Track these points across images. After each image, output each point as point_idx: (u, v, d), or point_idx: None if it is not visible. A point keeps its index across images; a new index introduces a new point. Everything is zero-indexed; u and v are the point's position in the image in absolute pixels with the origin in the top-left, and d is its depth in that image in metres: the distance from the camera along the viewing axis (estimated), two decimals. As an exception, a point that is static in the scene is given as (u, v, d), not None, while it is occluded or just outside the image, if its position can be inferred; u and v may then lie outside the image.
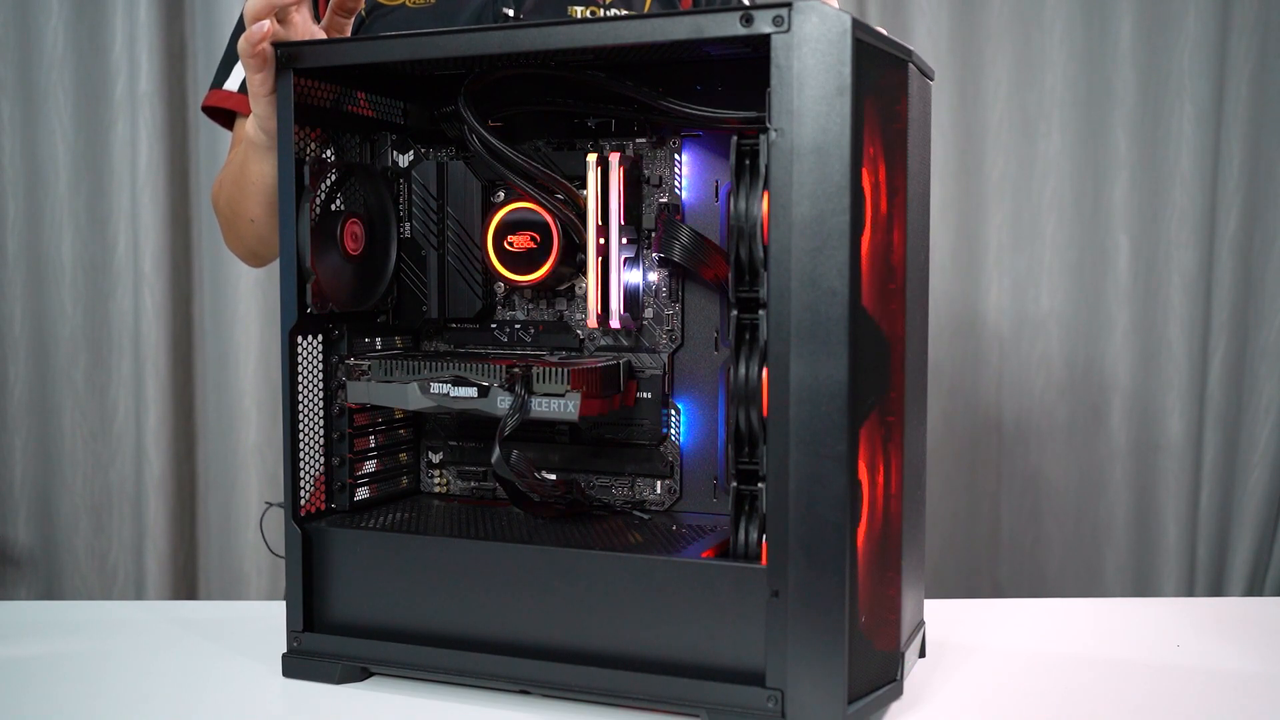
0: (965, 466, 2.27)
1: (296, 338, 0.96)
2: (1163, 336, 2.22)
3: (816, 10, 0.78)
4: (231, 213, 1.24)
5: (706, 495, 1.02)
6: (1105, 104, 2.20)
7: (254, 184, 1.13)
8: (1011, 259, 2.24)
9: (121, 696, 0.93)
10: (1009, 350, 2.25)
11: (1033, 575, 2.29)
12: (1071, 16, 2.19)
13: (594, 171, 0.96)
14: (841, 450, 0.79)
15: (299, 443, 0.97)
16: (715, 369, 1.01)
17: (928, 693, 0.91)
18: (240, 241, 1.29)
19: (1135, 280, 2.22)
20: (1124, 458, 2.24)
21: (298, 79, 0.94)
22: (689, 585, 0.85)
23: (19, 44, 2.20)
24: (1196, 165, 2.18)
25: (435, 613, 0.92)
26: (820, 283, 0.79)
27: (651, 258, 1.01)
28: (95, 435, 2.26)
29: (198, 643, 1.05)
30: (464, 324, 1.08)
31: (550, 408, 0.92)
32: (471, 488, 1.10)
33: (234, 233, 1.28)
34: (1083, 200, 2.22)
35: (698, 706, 0.84)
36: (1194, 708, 0.89)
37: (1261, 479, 2.23)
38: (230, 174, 1.23)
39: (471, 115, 0.98)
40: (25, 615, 1.12)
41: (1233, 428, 2.25)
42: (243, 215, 1.21)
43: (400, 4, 1.23)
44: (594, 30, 0.86)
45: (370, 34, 1.23)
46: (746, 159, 0.85)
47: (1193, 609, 1.16)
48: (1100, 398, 2.25)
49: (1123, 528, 2.26)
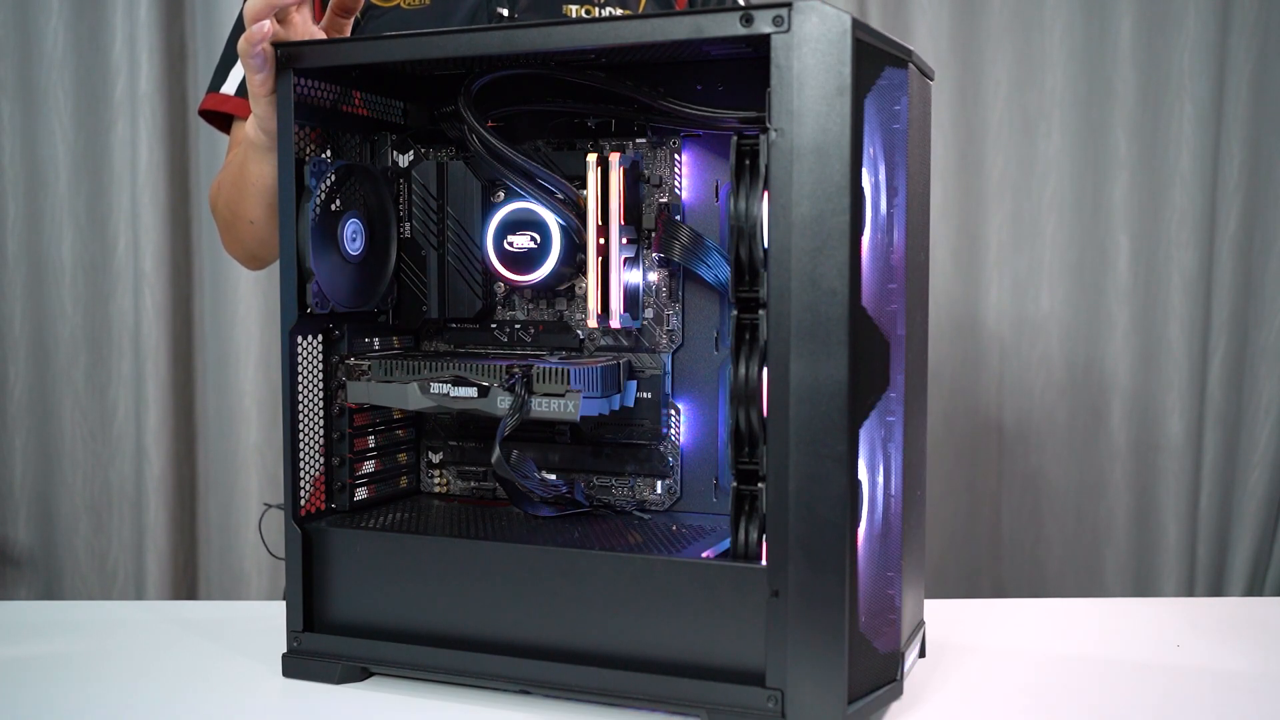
0: (965, 466, 2.27)
1: (296, 338, 0.96)
2: (1163, 336, 2.22)
3: (816, 10, 0.78)
4: (231, 215, 1.24)
5: (706, 495, 1.02)
6: (1105, 104, 2.20)
7: (254, 185, 1.13)
8: (1011, 259, 2.24)
9: (121, 696, 0.93)
10: (1009, 350, 2.25)
11: (1033, 575, 2.29)
12: (1071, 16, 2.19)
13: (594, 171, 0.96)
14: (841, 450, 0.79)
15: (299, 443, 0.97)
16: (715, 369, 1.01)
17: (928, 693, 0.91)
18: (239, 244, 1.29)
19: (1135, 280, 2.22)
20: (1124, 458, 2.24)
21: (297, 79, 0.94)
22: (689, 585, 0.85)
23: (19, 44, 2.20)
24: (1196, 165, 2.18)
25: (435, 613, 0.92)
26: (820, 283, 0.79)
27: (651, 258, 1.01)
28: (95, 435, 2.26)
29: (198, 643, 1.05)
30: (464, 324, 1.08)
31: (550, 408, 0.92)
32: (471, 488, 1.10)
33: (233, 235, 1.28)
34: (1083, 200, 2.22)
35: (698, 706, 0.84)
36: (1194, 708, 0.89)
37: (1261, 479, 2.23)
38: (229, 176, 1.23)
39: (471, 115, 0.98)
40: (25, 615, 1.12)
41: (1233, 428, 2.25)
42: (242, 217, 1.21)
43: (395, 5, 1.22)
44: (594, 30, 0.86)
45: (368, 34, 1.23)
46: (746, 159, 0.85)
47: (1193, 609, 1.16)
48: (1100, 398, 2.24)
49: (1123, 528, 2.26)
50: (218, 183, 1.28)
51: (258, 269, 1.36)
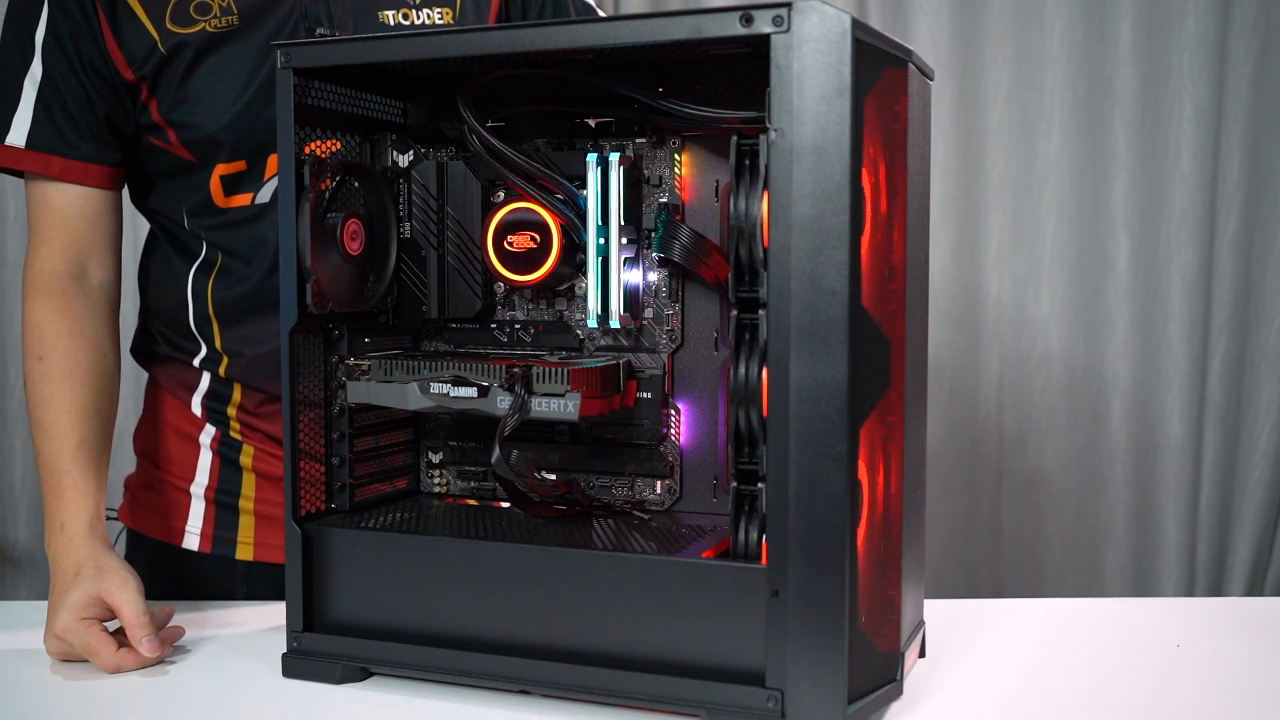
0: (965, 466, 2.27)
1: (296, 338, 0.96)
2: (1163, 336, 2.22)
3: (816, 10, 0.78)
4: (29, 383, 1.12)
5: (706, 495, 1.02)
6: (1105, 104, 2.20)
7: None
8: (1011, 259, 2.24)
9: (121, 696, 0.93)
10: (1009, 350, 2.25)
11: (1033, 575, 2.29)
12: (1071, 16, 2.20)
13: (594, 171, 0.96)
14: (841, 450, 0.79)
15: (299, 443, 0.97)
16: (715, 369, 1.01)
17: (928, 693, 0.91)
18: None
19: (1135, 280, 2.22)
20: (1124, 458, 2.24)
21: (297, 79, 0.94)
22: (689, 585, 0.85)
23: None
24: (1196, 165, 2.18)
25: (435, 613, 0.92)
26: (820, 283, 0.79)
27: (651, 258, 1.01)
28: (95, 435, 2.25)
29: (198, 642, 1.05)
30: (464, 324, 1.08)
31: (550, 408, 0.92)
32: (471, 488, 1.10)
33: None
34: (1083, 200, 2.22)
35: (698, 706, 0.84)
36: (1194, 708, 0.89)
37: (1261, 479, 2.23)
38: (32, 398, 1.10)
39: (472, 115, 0.98)
40: (25, 615, 1.12)
41: (1233, 428, 2.25)
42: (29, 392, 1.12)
43: (200, 29, 1.11)
44: (594, 30, 0.86)
45: (183, 67, 1.11)
46: (746, 159, 0.85)
47: (1193, 609, 1.16)
48: (1100, 398, 2.25)
49: (1123, 528, 2.26)
50: (28, 356, 1.12)
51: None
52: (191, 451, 1.23)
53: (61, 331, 1.11)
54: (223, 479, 1.22)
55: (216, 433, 1.22)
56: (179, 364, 1.23)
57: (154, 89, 1.13)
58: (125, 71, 1.12)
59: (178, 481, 1.23)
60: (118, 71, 1.12)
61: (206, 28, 1.11)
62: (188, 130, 1.13)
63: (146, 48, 1.11)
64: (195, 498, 1.22)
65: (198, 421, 1.22)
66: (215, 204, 1.16)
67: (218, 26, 1.11)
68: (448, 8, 1.20)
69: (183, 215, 1.18)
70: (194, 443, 1.23)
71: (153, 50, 1.11)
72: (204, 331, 1.19)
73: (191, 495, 1.22)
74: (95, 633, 0.98)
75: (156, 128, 1.14)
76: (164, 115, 1.13)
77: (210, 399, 1.22)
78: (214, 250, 1.18)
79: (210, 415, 1.22)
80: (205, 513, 1.22)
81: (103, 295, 1.16)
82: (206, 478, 1.22)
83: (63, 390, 1.09)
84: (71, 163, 1.13)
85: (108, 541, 1.06)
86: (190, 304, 1.19)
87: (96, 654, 0.97)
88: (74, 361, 1.10)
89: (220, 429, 1.22)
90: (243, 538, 1.21)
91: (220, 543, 1.21)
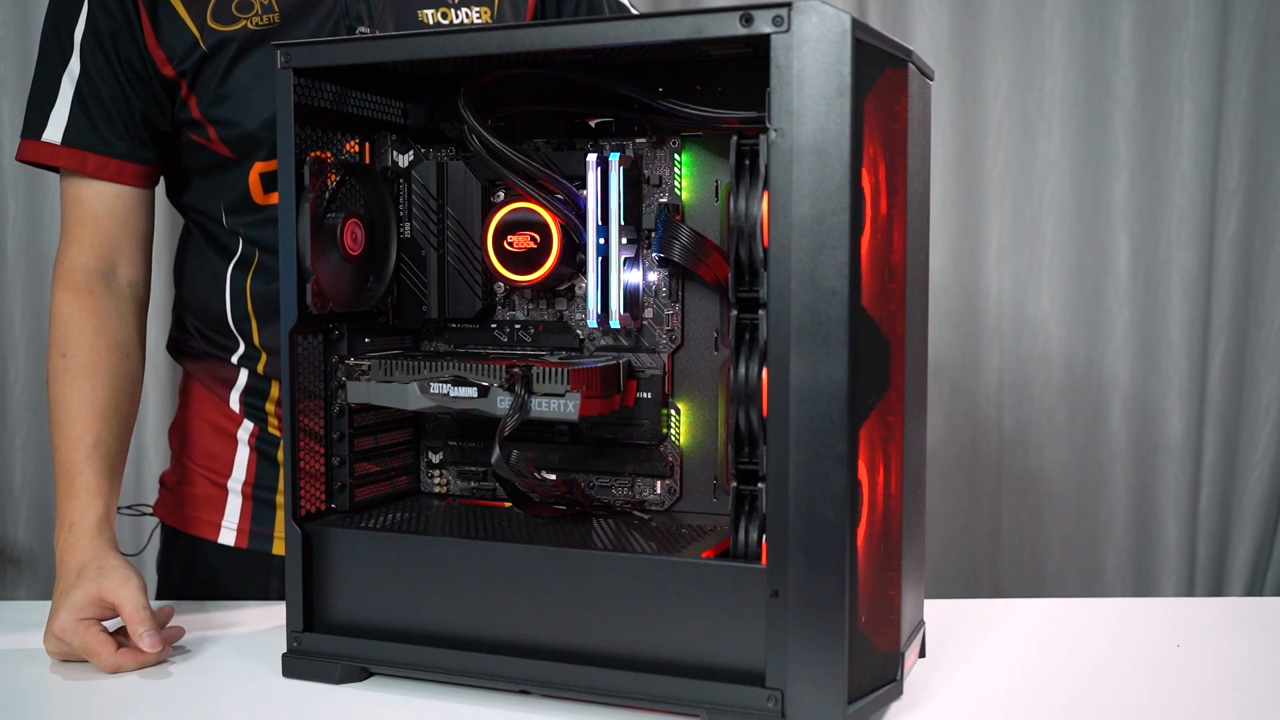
0: (965, 466, 2.27)
1: (296, 338, 0.96)
2: (1163, 336, 2.22)
3: (816, 10, 0.78)
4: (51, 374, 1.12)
5: (706, 495, 1.02)
6: (1105, 104, 2.20)
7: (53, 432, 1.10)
8: (1011, 259, 2.23)
9: (121, 696, 0.93)
10: (1009, 350, 2.25)
11: (1033, 575, 2.28)
12: (1071, 16, 2.19)
13: (594, 171, 0.96)
14: (841, 450, 0.79)
15: (299, 443, 0.97)
16: (715, 369, 1.01)
17: (928, 693, 0.91)
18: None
19: (1135, 280, 2.22)
20: (1124, 458, 2.24)
21: (297, 79, 0.94)
22: (689, 585, 0.85)
23: (19, 44, 2.20)
24: (1196, 165, 2.18)
25: (435, 613, 0.92)
26: (820, 283, 0.79)
27: (651, 258, 1.01)
28: (95, 435, 2.25)
29: (198, 642, 1.05)
30: (464, 324, 1.08)
31: (550, 408, 0.92)
32: (471, 488, 1.10)
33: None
34: (1083, 200, 2.22)
35: (698, 706, 0.84)
36: (1194, 708, 0.89)
37: (1261, 479, 2.23)
38: (53, 396, 1.10)
39: (471, 115, 0.98)
40: (25, 615, 1.12)
41: (1233, 428, 2.25)
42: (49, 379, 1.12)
43: (241, 26, 1.12)
44: (594, 30, 0.86)
45: (223, 65, 1.12)
46: (746, 159, 0.85)
47: (1193, 609, 1.16)
48: (1100, 398, 2.24)
49: (1123, 528, 2.26)
50: (52, 351, 1.12)
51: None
52: (229, 447, 1.23)
53: (86, 329, 1.12)
54: (260, 474, 1.22)
55: (255, 428, 1.23)
56: (217, 360, 1.24)
57: (194, 86, 1.14)
58: (164, 68, 1.13)
59: (215, 477, 1.24)
60: (156, 68, 1.13)
61: (248, 25, 1.12)
62: (228, 127, 1.14)
63: (187, 44, 1.12)
64: (232, 493, 1.23)
65: (236, 417, 1.23)
66: (254, 201, 1.17)
67: (259, 24, 1.13)
68: (486, 6, 1.21)
69: (221, 212, 1.19)
70: (232, 438, 1.23)
71: (194, 47, 1.12)
72: (243, 329, 1.21)
73: (229, 491, 1.23)
74: (94, 633, 0.98)
75: (196, 124, 1.15)
76: (204, 112, 1.14)
77: (249, 395, 1.23)
78: (250, 247, 1.19)
79: (248, 411, 1.23)
80: (242, 508, 1.23)
81: (131, 294, 1.17)
82: (244, 473, 1.23)
83: (83, 388, 1.10)
84: (106, 160, 1.14)
85: (115, 542, 1.06)
86: (229, 301, 1.21)
87: (95, 654, 0.97)
88: (96, 360, 1.11)
89: (259, 425, 1.23)
90: (279, 533, 1.21)
91: (256, 538, 1.22)
